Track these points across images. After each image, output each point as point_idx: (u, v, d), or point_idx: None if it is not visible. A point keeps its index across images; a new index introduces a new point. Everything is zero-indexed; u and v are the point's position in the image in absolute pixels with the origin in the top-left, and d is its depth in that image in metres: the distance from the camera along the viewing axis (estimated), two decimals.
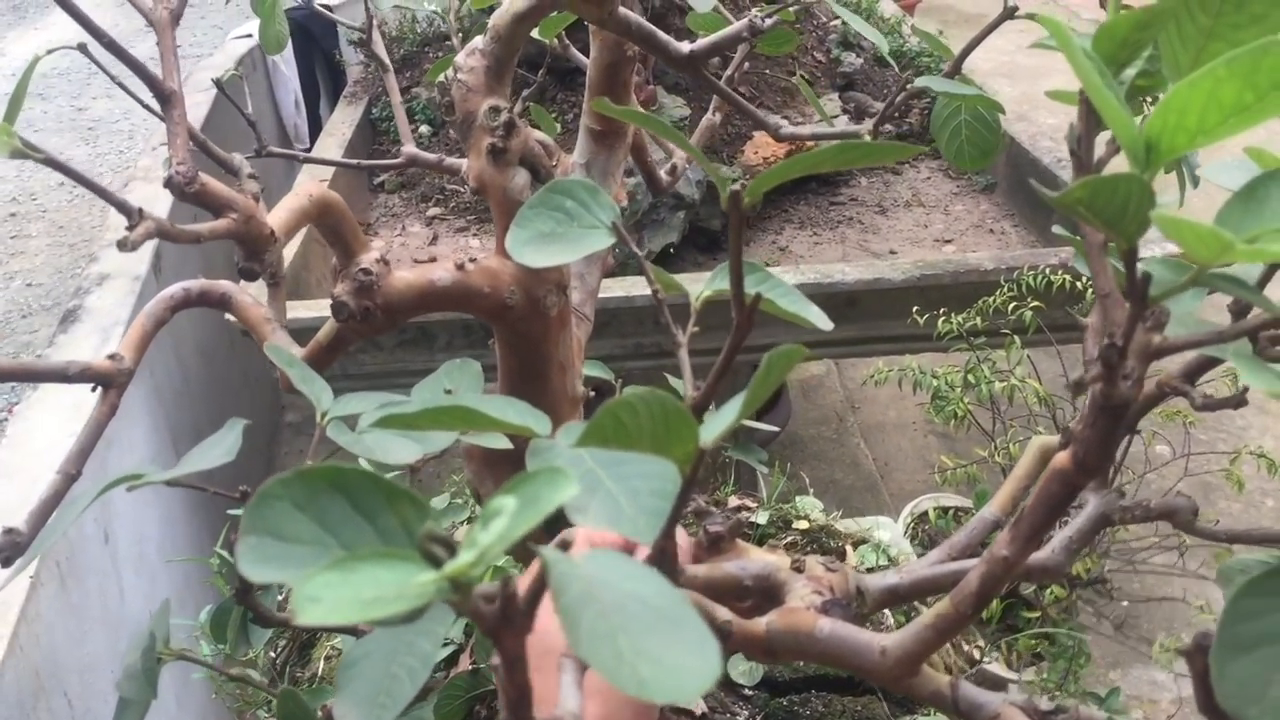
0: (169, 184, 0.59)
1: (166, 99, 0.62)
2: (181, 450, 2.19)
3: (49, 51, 0.70)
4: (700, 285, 0.60)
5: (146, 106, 0.71)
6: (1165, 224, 0.30)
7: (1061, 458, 0.43)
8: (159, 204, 2.42)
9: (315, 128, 3.94)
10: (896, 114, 2.94)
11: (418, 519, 0.29)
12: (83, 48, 0.69)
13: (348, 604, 0.25)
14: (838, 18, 3.18)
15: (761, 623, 0.50)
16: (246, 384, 2.95)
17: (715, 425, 0.38)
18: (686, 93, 2.72)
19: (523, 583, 0.29)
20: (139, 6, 0.65)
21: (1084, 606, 2.01)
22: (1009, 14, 0.69)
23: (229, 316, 1.91)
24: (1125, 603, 2.40)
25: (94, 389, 0.68)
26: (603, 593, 0.28)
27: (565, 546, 0.29)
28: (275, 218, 0.67)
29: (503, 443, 0.65)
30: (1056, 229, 0.70)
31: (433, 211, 2.73)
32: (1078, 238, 0.58)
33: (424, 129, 2.93)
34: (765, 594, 0.55)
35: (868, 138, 0.72)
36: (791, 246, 2.54)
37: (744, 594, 0.55)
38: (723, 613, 0.49)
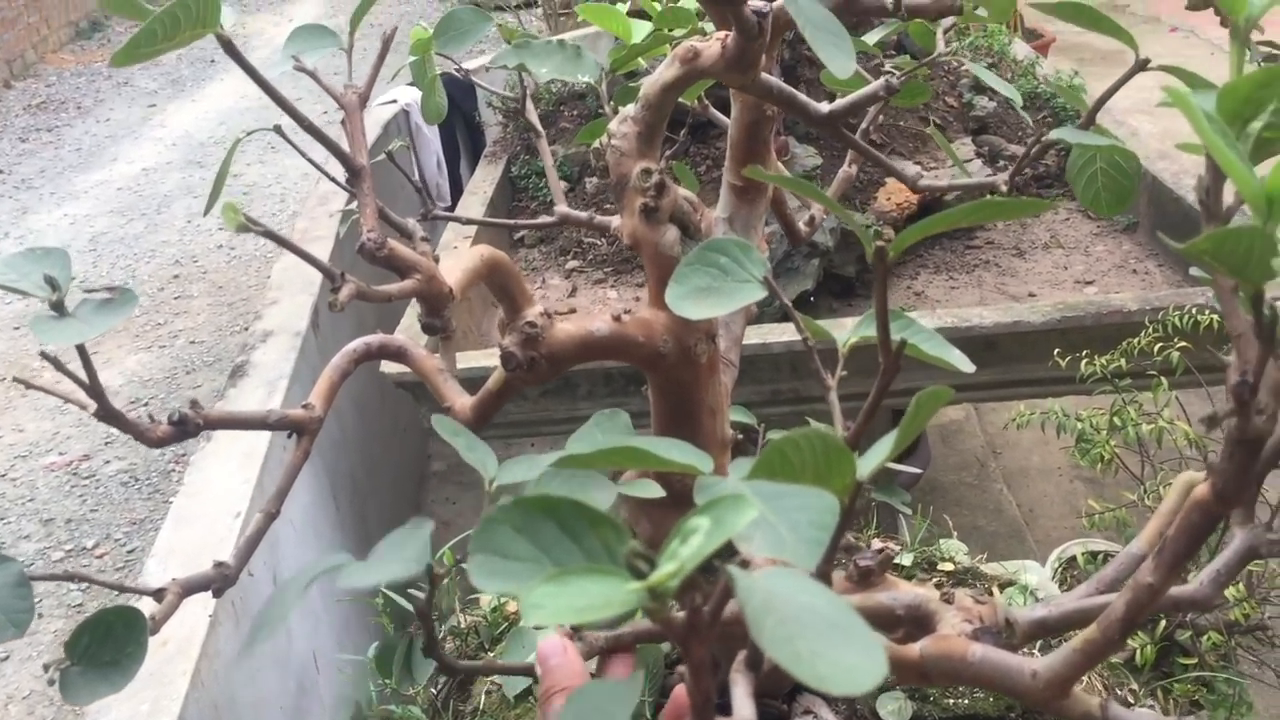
0: (362, 250, 0.66)
1: (357, 173, 0.69)
2: (340, 497, 2.31)
3: (248, 134, 0.78)
4: (843, 331, 0.64)
5: (334, 180, 0.78)
6: None
7: (1201, 489, 0.45)
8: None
9: (456, 186, 4.09)
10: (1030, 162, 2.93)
11: (617, 540, 0.33)
12: (278, 129, 0.77)
13: (565, 610, 0.29)
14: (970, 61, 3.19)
15: (915, 648, 0.53)
16: (396, 433, 3.07)
17: (871, 459, 0.41)
18: (818, 141, 2.76)
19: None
20: (330, 91, 0.72)
21: (1244, 654, 1.94)
22: (1141, 66, 0.71)
23: (383, 369, 1.99)
24: None
25: (289, 436, 0.75)
26: (780, 604, 0.32)
27: (745, 565, 0.33)
28: (451, 276, 0.73)
29: (657, 492, 0.70)
30: (1194, 272, 0.72)
31: (571, 264, 2.82)
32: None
33: (562, 184, 3.03)
34: (916, 623, 0.58)
35: (1004, 188, 0.75)
36: (928, 291, 2.54)
37: (895, 623, 0.58)
38: (877, 638, 0.53)
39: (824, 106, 0.80)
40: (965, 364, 0.60)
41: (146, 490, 3.48)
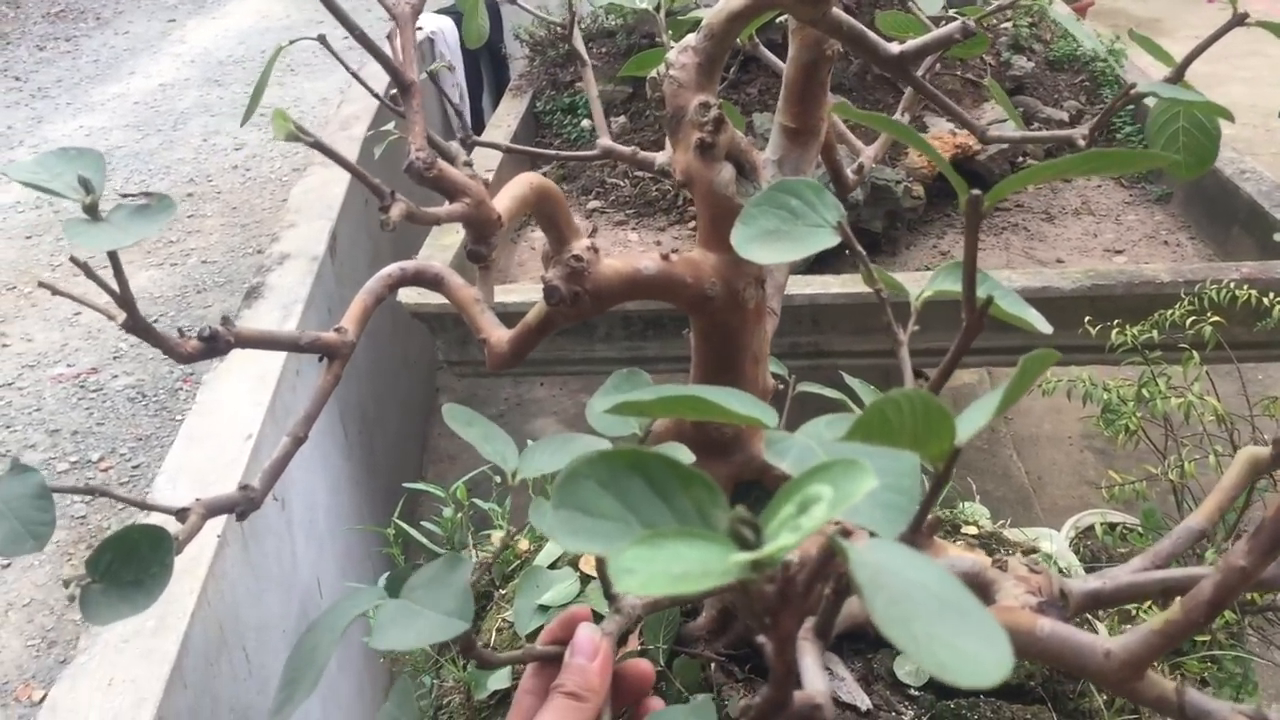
0: (409, 169, 0.62)
1: (406, 89, 0.66)
2: (349, 425, 2.28)
3: (291, 42, 0.75)
4: (918, 286, 0.61)
5: (377, 96, 0.74)
6: None
7: None
8: (337, 185, 2.53)
9: (477, 119, 4.03)
10: (1092, 120, 2.86)
11: (710, 501, 0.30)
12: (322, 39, 0.73)
13: (659, 577, 0.27)
14: (1009, 20, 3.11)
15: None
16: (406, 365, 3.05)
17: (970, 422, 0.38)
18: (850, 93, 2.70)
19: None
20: (383, 2, 0.68)
21: (1252, 633, 1.92)
22: (1239, 20, 0.67)
23: (401, 299, 1.96)
24: None
25: (320, 359, 0.73)
26: (890, 580, 0.29)
27: (846, 534, 0.31)
28: (499, 203, 0.70)
29: (689, 457, 0.68)
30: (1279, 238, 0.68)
31: (592, 205, 2.77)
32: None
33: (585, 123, 2.98)
34: (974, 591, 0.55)
35: (1082, 143, 0.71)
36: (953, 251, 2.49)
37: None
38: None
39: (894, 47, 0.76)
40: (1043, 325, 0.57)
41: (154, 407, 3.46)
